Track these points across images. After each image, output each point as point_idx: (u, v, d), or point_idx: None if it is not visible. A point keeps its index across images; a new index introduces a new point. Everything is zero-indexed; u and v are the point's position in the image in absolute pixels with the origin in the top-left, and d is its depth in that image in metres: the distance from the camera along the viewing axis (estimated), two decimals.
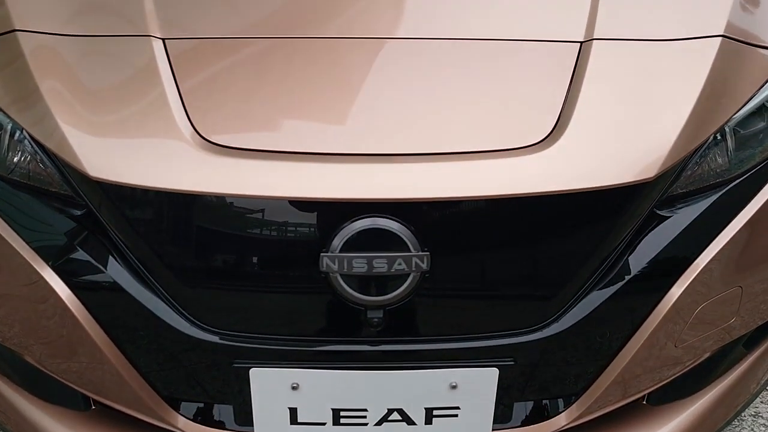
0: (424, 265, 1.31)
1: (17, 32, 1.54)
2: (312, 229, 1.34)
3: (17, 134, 1.43)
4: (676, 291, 1.42)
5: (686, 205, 1.45)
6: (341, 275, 1.32)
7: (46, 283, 1.39)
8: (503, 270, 1.38)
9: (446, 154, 1.35)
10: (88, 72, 1.48)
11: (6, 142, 1.44)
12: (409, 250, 1.31)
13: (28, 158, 1.42)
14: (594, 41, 1.52)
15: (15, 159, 1.43)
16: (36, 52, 1.50)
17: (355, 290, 1.33)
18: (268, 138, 1.38)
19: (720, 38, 1.55)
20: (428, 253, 1.31)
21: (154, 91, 1.42)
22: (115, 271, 1.38)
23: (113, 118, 1.41)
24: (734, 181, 1.48)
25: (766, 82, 1.54)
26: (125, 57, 1.51)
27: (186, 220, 1.36)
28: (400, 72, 1.48)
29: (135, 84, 1.46)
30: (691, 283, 1.42)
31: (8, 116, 1.44)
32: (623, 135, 1.39)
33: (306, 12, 1.63)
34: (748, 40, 1.58)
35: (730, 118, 1.48)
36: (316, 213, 1.33)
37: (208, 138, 1.36)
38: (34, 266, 1.39)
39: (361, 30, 1.56)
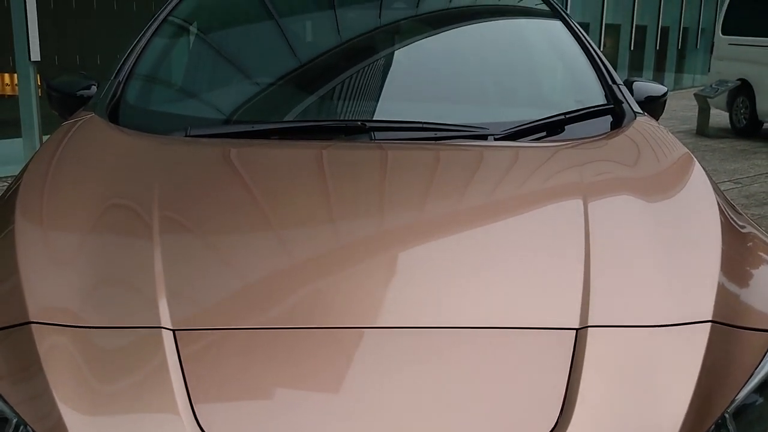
0: None
1: (32, 324, 1.54)
2: None
3: (21, 429, 1.40)
4: None
5: None
6: None
7: None
8: None
9: None
10: (98, 367, 1.47)
11: None
12: None
13: None
14: (589, 328, 1.53)
15: None
16: (49, 347, 1.50)
17: None
18: None
19: (709, 324, 1.57)
20: None
21: (163, 388, 1.41)
22: None
23: (120, 416, 1.39)
24: None
25: (759, 363, 1.54)
26: (135, 348, 1.51)
27: None
28: (400, 362, 1.48)
29: (143, 377, 1.45)
30: None
31: (15, 411, 1.42)
32: (627, 428, 1.38)
33: (314, 303, 1.62)
34: (737, 323, 1.60)
35: (730, 403, 1.47)
36: None
37: None
38: None
39: (362, 320, 1.56)
